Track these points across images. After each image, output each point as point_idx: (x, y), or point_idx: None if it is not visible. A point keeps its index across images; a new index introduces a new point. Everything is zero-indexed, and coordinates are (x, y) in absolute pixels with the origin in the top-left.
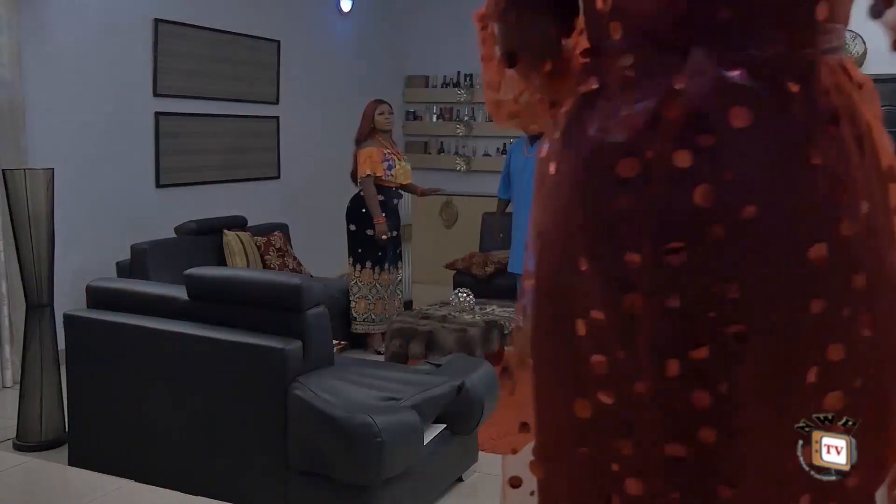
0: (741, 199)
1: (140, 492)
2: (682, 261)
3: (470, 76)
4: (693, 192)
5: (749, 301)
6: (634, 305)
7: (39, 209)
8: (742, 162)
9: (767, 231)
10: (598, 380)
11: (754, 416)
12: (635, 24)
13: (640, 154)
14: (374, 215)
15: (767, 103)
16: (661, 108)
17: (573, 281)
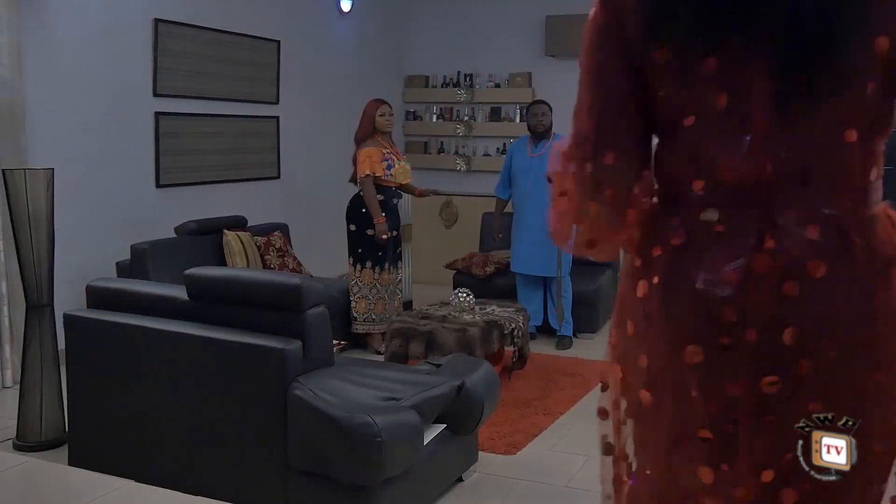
0: (822, 337)
1: (140, 492)
2: (775, 391)
3: (470, 76)
4: (783, 334)
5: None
6: (734, 428)
7: (39, 209)
8: (821, 306)
9: (843, 363)
10: (706, 488)
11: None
12: (720, 181)
13: (738, 303)
14: (375, 215)
15: (838, 255)
16: (754, 263)
17: (686, 404)
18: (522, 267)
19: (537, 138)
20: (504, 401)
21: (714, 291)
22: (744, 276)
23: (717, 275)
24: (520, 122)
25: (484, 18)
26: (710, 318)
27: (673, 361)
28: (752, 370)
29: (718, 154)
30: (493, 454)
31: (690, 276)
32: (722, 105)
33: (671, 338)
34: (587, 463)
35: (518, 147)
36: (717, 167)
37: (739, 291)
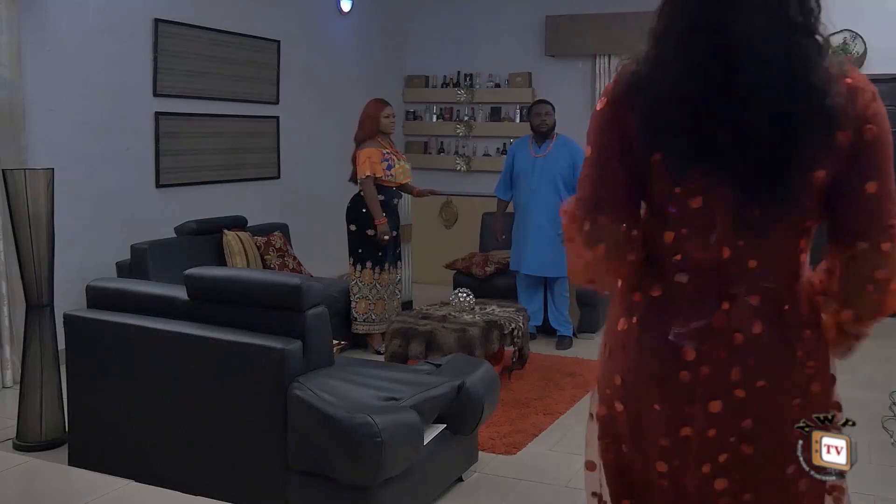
0: (757, 376)
1: (140, 492)
2: (719, 409)
3: (470, 76)
4: (730, 371)
5: (757, 430)
6: (689, 435)
7: (39, 209)
8: (757, 354)
9: (772, 393)
10: (662, 475)
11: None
12: (691, 258)
13: (698, 347)
14: (376, 216)
15: (772, 318)
16: (713, 320)
17: (651, 416)
18: (528, 268)
19: (540, 138)
20: (504, 401)
21: (685, 344)
22: (704, 328)
23: (686, 329)
24: (520, 122)
25: (484, 18)
26: (675, 356)
27: (641, 383)
28: (703, 395)
29: (692, 241)
30: (493, 454)
31: (663, 321)
32: (697, 206)
33: (641, 366)
34: None
35: (520, 147)
36: (689, 249)
37: (700, 338)
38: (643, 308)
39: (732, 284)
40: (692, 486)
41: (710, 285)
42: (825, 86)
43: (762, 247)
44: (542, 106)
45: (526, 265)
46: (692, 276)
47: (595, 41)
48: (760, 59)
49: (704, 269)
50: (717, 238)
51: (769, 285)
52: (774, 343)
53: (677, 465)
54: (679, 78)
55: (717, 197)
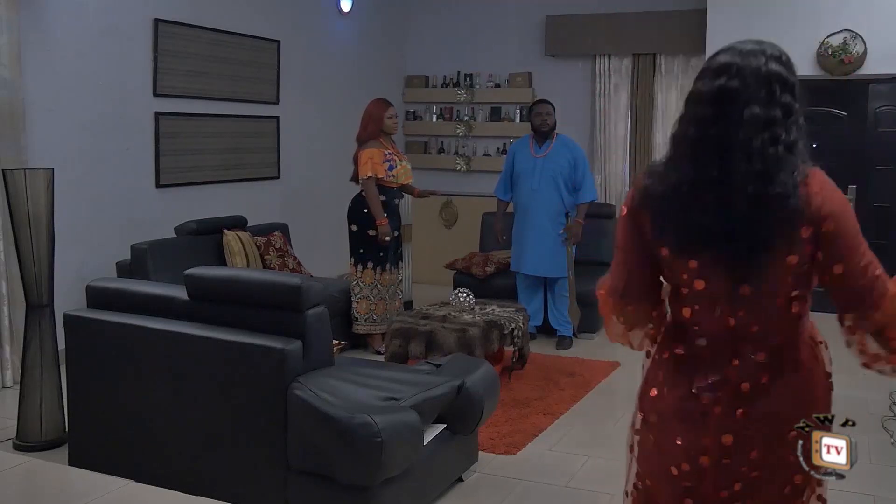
0: (763, 414)
1: (140, 492)
2: (731, 442)
3: (470, 76)
4: (739, 413)
5: (762, 459)
6: (706, 464)
7: (39, 209)
8: (764, 399)
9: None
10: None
11: None
12: (705, 327)
13: (714, 396)
14: (377, 217)
15: (775, 370)
16: (725, 374)
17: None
18: (528, 268)
19: (541, 138)
20: (504, 401)
21: (702, 394)
22: (720, 381)
23: (705, 383)
24: (520, 122)
25: (484, 18)
26: (695, 401)
27: (668, 421)
28: (717, 431)
29: (703, 314)
30: (493, 454)
31: (687, 375)
32: (701, 287)
33: (670, 409)
34: (587, 463)
35: (520, 147)
36: (703, 320)
37: (716, 390)
38: (671, 363)
39: (740, 345)
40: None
41: (723, 347)
42: (790, 191)
43: (759, 315)
44: (543, 106)
45: (526, 265)
46: (709, 340)
47: (595, 41)
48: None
49: (717, 335)
50: (721, 311)
51: (773, 343)
52: (778, 389)
53: (698, 487)
54: (683, 179)
55: (715, 280)
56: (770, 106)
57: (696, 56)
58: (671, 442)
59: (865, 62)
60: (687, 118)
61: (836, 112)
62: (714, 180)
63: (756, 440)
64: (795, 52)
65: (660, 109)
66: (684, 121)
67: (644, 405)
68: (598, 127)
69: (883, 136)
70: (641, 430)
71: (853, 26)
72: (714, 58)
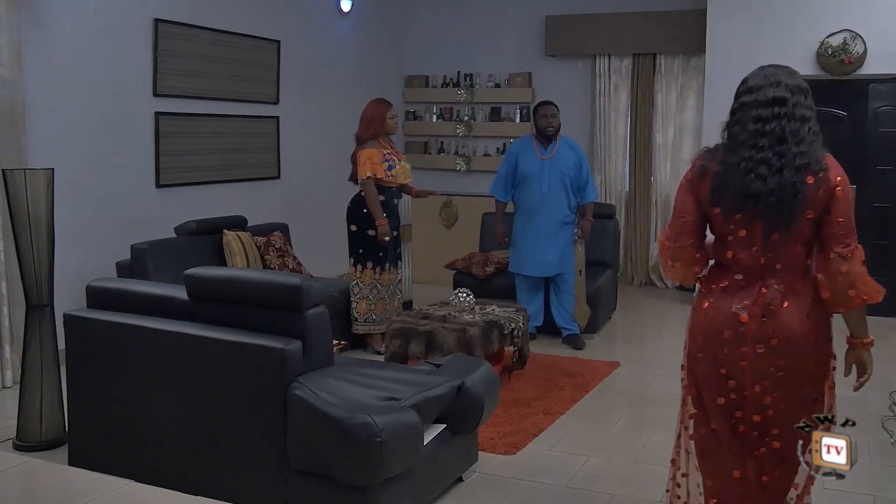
0: (788, 331)
1: (140, 492)
2: (763, 351)
3: (470, 76)
4: (768, 328)
5: (787, 364)
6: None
7: (39, 209)
8: (787, 319)
9: (796, 344)
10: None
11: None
12: (742, 264)
13: (751, 315)
14: (376, 217)
15: (792, 297)
16: (756, 299)
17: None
18: (534, 269)
19: (546, 140)
20: (504, 401)
21: (741, 312)
22: (751, 304)
23: (741, 304)
24: (520, 122)
25: (484, 18)
26: (736, 319)
27: (716, 336)
28: (751, 342)
29: (740, 255)
30: (493, 454)
31: (728, 301)
32: (743, 235)
33: (716, 326)
34: (587, 463)
35: (524, 148)
36: (740, 259)
37: (749, 310)
38: (717, 292)
39: (767, 278)
40: (751, 399)
41: (754, 279)
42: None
43: (783, 256)
44: (549, 107)
45: (532, 267)
46: (744, 274)
47: (595, 41)
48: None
49: (751, 270)
50: (755, 252)
51: (790, 278)
52: (795, 312)
53: (739, 384)
54: (743, 158)
55: (754, 229)
56: (805, 108)
57: (696, 56)
58: (720, 352)
59: (865, 62)
60: (745, 118)
61: (836, 112)
62: (769, 159)
63: (780, 351)
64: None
65: (660, 109)
66: (742, 120)
67: (698, 328)
68: (598, 127)
69: (883, 136)
70: (692, 348)
71: (853, 26)
72: (755, 76)
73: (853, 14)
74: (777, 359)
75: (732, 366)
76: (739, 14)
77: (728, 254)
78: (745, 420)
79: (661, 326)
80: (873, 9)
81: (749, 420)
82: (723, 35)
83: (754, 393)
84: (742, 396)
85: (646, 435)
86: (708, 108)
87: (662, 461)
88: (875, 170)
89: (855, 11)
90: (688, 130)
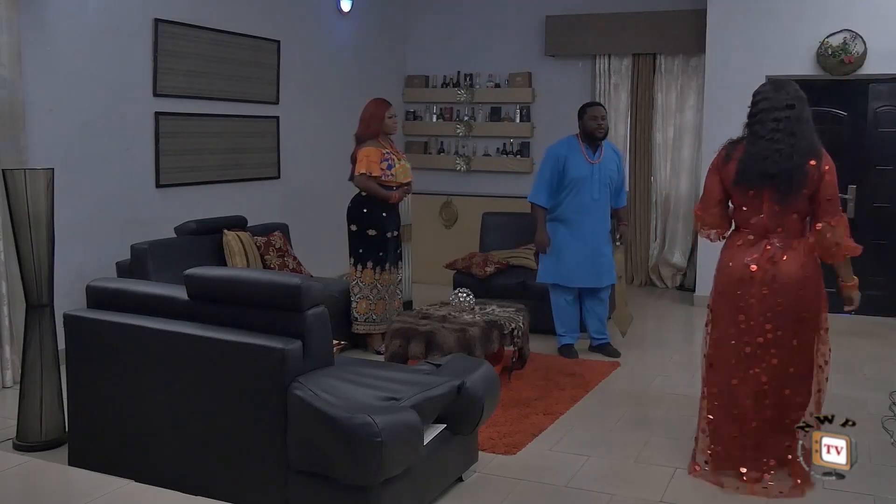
0: (785, 277)
1: (140, 492)
2: (766, 292)
3: (470, 76)
4: (771, 274)
5: (785, 302)
6: (753, 303)
7: (39, 209)
8: (785, 268)
9: (792, 287)
10: (741, 321)
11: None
12: (753, 228)
13: (757, 265)
14: (386, 197)
15: (790, 252)
16: (763, 253)
17: (735, 296)
18: (587, 280)
19: (593, 143)
20: (504, 401)
21: (751, 263)
22: (759, 257)
23: (751, 257)
24: (520, 122)
25: (484, 18)
26: (747, 269)
27: (734, 282)
28: (757, 286)
29: (752, 220)
30: (493, 454)
31: (742, 255)
32: (755, 205)
33: (736, 275)
34: (587, 463)
35: (571, 151)
36: (751, 223)
37: (758, 262)
38: (734, 250)
39: (770, 238)
40: (756, 326)
41: (761, 239)
42: (820, 155)
43: (783, 222)
44: (599, 109)
45: (585, 278)
46: (754, 235)
47: (595, 41)
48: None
49: (759, 232)
50: (763, 218)
51: (788, 238)
52: (792, 263)
53: (747, 316)
54: (762, 147)
55: (763, 201)
56: (807, 112)
57: (696, 56)
58: (735, 293)
59: (865, 62)
60: (765, 119)
61: (836, 112)
62: (782, 149)
63: (780, 292)
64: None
65: (660, 109)
66: (762, 120)
67: (720, 275)
68: None
69: (883, 136)
70: (716, 290)
71: (853, 26)
72: (770, 88)
73: (853, 14)
74: (777, 297)
75: (744, 303)
76: (739, 14)
77: (743, 219)
78: (750, 342)
79: (661, 326)
80: (873, 9)
81: (754, 342)
82: (723, 35)
83: (759, 322)
84: (749, 325)
85: (646, 435)
86: (708, 108)
87: (662, 461)
88: (875, 170)
89: (855, 11)
90: (688, 130)
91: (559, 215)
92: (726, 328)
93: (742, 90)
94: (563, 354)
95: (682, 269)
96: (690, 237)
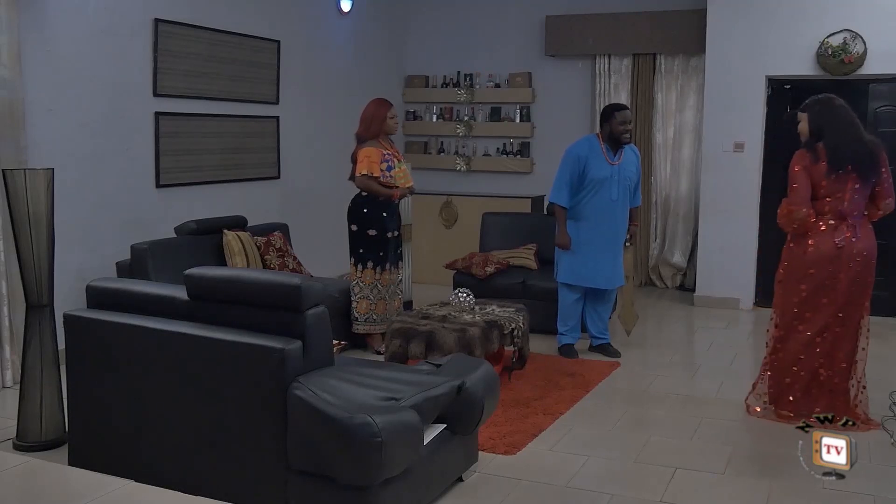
0: (862, 254)
1: (140, 492)
2: (853, 264)
3: (470, 76)
4: (855, 248)
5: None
6: (841, 278)
7: (39, 209)
8: (861, 245)
9: (869, 256)
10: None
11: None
12: (834, 214)
13: (842, 247)
14: (388, 195)
15: (864, 229)
16: (846, 234)
17: (825, 274)
18: (606, 281)
19: (615, 146)
20: (504, 401)
21: (839, 244)
22: (843, 240)
23: (840, 239)
24: (520, 122)
25: (484, 18)
26: (835, 248)
27: (824, 260)
28: (846, 261)
29: (836, 206)
30: (493, 454)
31: (828, 237)
32: (838, 195)
33: (825, 255)
34: (587, 463)
35: (592, 152)
36: (836, 209)
37: (842, 245)
38: (820, 233)
39: (848, 220)
40: (836, 290)
41: (842, 223)
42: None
43: (857, 206)
44: (627, 113)
45: (604, 279)
46: (835, 220)
47: (595, 41)
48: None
49: (839, 216)
50: (846, 204)
51: (861, 219)
52: (866, 241)
53: (832, 284)
54: (839, 143)
55: (846, 188)
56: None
57: (696, 56)
58: (825, 269)
59: (865, 62)
60: (845, 122)
61: None
62: (858, 146)
63: (862, 264)
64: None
65: (660, 109)
66: (834, 123)
67: (801, 256)
68: (598, 127)
69: (883, 136)
70: (799, 268)
71: (853, 26)
72: (835, 98)
73: (853, 14)
74: (858, 266)
75: (830, 277)
76: (739, 14)
77: (826, 207)
78: (831, 302)
79: (661, 326)
80: (873, 9)
81: (830, 297)
82: (723, 35)
83: (842, 287)
84: (833, 290)
85: (646, 435)
86: (708, 108)
87: (662, 461)
88: None
89: (855, 11)
90: (688, 130)
91: (577, 215)
92: (810, 294)
93: (742, 90)
94: (564, 354)
95: (682, 269)
96: (690, 237)
